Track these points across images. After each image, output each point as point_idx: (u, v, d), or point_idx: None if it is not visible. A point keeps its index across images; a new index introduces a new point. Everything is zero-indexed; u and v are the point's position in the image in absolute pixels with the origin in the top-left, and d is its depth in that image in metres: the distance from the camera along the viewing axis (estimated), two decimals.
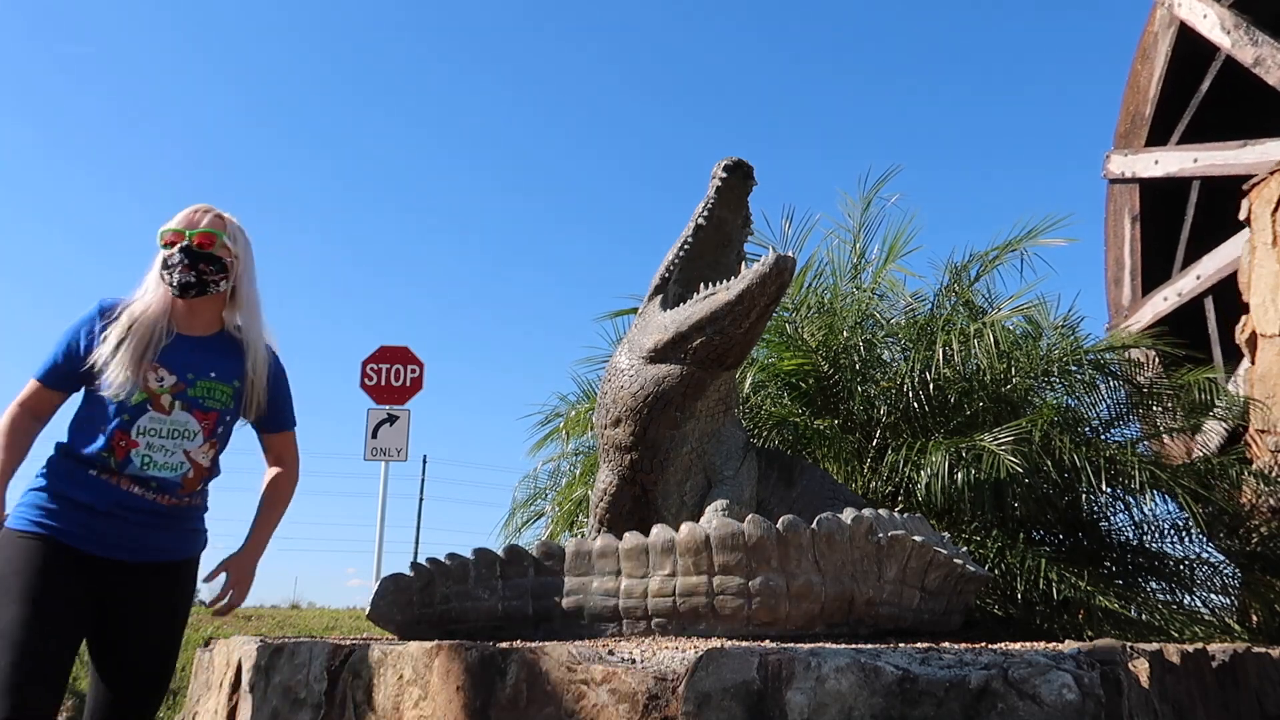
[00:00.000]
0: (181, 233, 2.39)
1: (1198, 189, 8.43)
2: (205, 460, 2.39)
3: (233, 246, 2.44)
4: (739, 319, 2.84)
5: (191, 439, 2.35)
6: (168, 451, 2.32)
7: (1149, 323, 8.40)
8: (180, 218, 2.42)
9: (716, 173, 2.96)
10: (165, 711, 6.26)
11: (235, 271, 2.45)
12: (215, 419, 2.39)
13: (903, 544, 2.67)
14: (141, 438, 2.29)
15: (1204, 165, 7.93)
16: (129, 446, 2.28)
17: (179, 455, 2.33)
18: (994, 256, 5.14)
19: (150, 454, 2.30)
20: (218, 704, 2.97)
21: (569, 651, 2.07)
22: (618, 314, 5.50)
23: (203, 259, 2.38)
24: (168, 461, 2.32)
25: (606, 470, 3.19)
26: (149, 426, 2.30)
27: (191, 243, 2.37)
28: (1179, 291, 8.20)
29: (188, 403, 2.35)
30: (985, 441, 4.07)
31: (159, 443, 2.31)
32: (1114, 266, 8.81)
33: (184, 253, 2.37)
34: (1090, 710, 1.67)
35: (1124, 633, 4.12)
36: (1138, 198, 8.66)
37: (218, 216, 2.45)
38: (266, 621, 9.54)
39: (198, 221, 2.41)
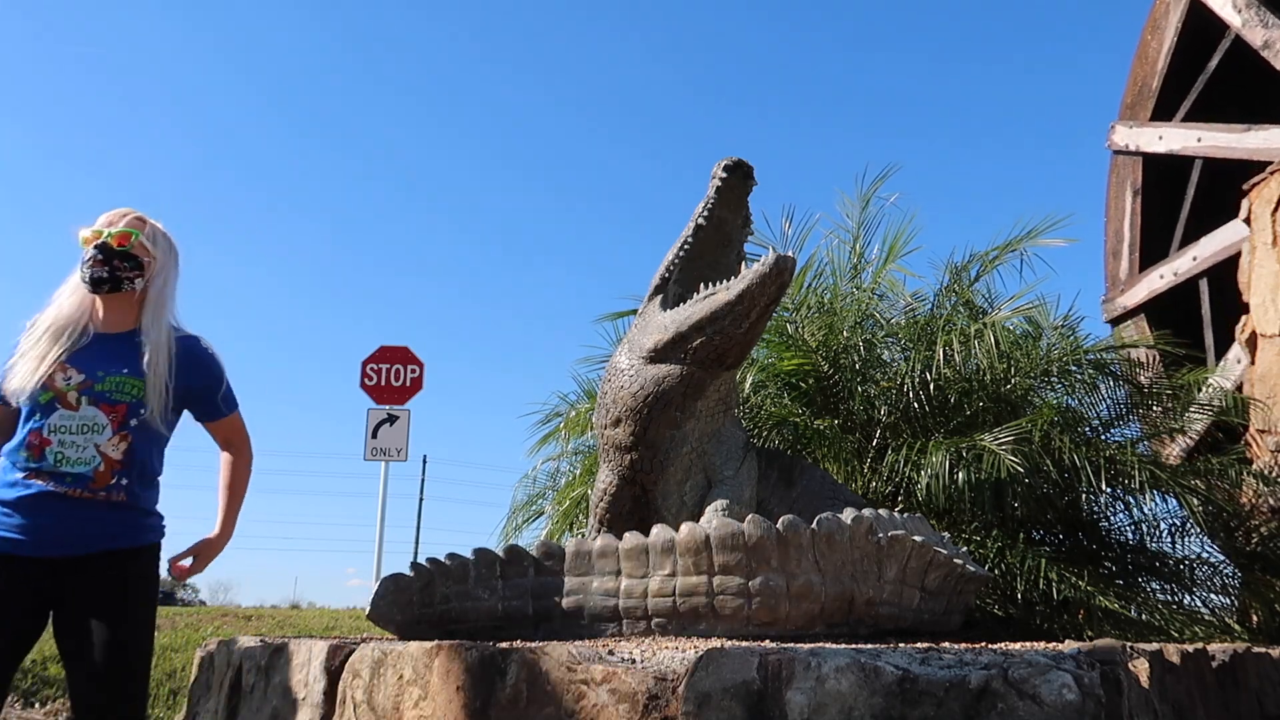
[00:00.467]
0: (100, 232, 2.48)
1: (1199, 169, 8.36)
2: (116, 453, 2.42)
3: (151, 247, 2.52)
4: (739, 319, 2.84)
5: (100, 432, 2.40)
6: (79, 447, 2.38)
7: (1144, 299, 8.41)
8: (100, 219, 2.52)
9: (716, 173, 2.96)
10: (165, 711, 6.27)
11: (151, 272, 2.52)
12: (125, 411, 2.43)
13: (903, 544, 2.67)
14: (53, 435, 2.37)
15: (1207, 146, 7.88)
16: (43, 444, 2.36)
17: (90, 450, 2.39)
18: (994, 257, 5.14)
19: (62, 450, 2.37)
20: (218, 704, 2.97)
21: (569, 651, 2.07)
22: (618, 314, 5.50)
23: (117, 255, 2.46)
24: (80, 457, 2.38)
25: (606, 470, 3.19)
26: (59, 424, 2.37)
27: (109, 241, 2.46)
28: (1175, 271, 8.18)
29: (94, 397, 2.41)
30: (985, 441, 4.07)
31: (70, 439, 2.38)
32: (1113, 239, 8.79)
33: (99, 249, 2.45)
34: (1090, 710, 1.67)
35: (1124, 633, 4.12)
36: (1140, 171, 8.61)
37: (137, 218, 2.54)
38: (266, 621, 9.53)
39: (116, 222, 2.50)
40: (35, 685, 6.66)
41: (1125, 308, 8.54)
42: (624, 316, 5.36)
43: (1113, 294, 8.69)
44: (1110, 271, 8.79)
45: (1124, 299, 8.56)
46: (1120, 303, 8.60)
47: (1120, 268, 8.68)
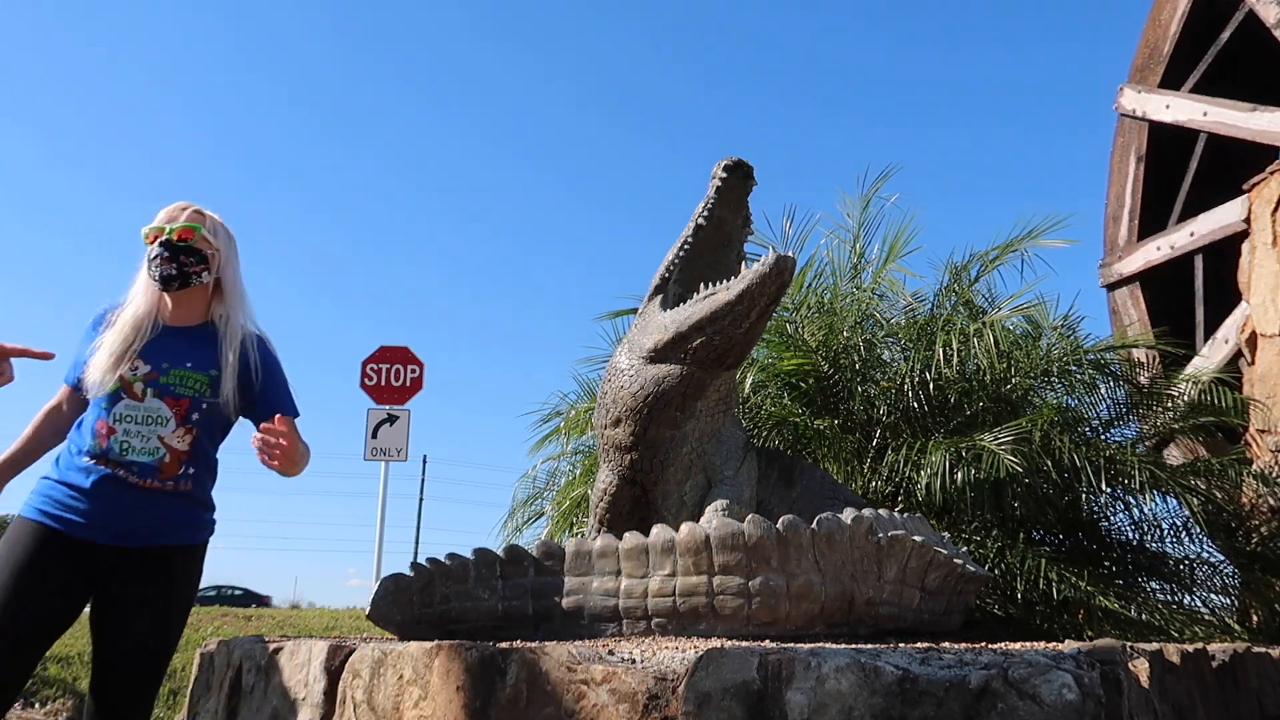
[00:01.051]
0: (161, 229, 2.51)
1: (1204, 143, 8.33)
2: (182, 445, 2.47)
3: (213, 240, 2.55)
4: (739, 319, 2.84)
5: (164, 424, 2.45)
6: (143, 437, 2.43)
7: (1139, 268, 8.41)
8: (161, 215, 2.55)
9: (716, 173, 2.96)
10: (165, 711, 6.26)
11: (217, 263, 2.56)
12: (188, 405, 2.48)
13: (903, 544, 2.67)
14: (119, 424, 2.41)
15: (1212, 121, 7.84)
16: (109, 433, 2.41)
17: (154, 440, 2.44)
18: (994, 257, 5.14)
19: (127, 439, 2.41)
20: (218, 704, 2.97)
21: (569, 651, 2.07)
22: (618, 314, 5.51)
23: (183, 251, 2.50)
24: (144, 446, 2.42)
25: (606, 470, 3.19)
26: (124, 413, 2.42)
27: (171, 237, 2.49)
28: (1172, 244, 8.18)
29: (159, 389, 2.45)
30: (985, 441, 4.07)
31: (135, 429, 2.42)
32: (1114, 203, 8.76)
33: (164, 246, 2.49)
34: (1090, 710, 1.67)
35: (1124, 633, 4.12)
36: (1145, 138, 8.57)
37: (196, 212, 2.56)
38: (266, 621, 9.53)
39: (176, 217, 2.53)
40: (35, 685, 6.66)
41: (1121, 275, 8.55)
42: (624, 316, 5.37)
43: (1110, 259, 8.68)
44: (1109, 236, 8.77)
45: (1121, 265, 8.56)
46: (1117, 269, 8.60)
47: (1119, 233, 8.66)
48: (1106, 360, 5.03)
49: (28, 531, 2.36)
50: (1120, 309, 8.63)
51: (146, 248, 2.52)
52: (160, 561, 2.44)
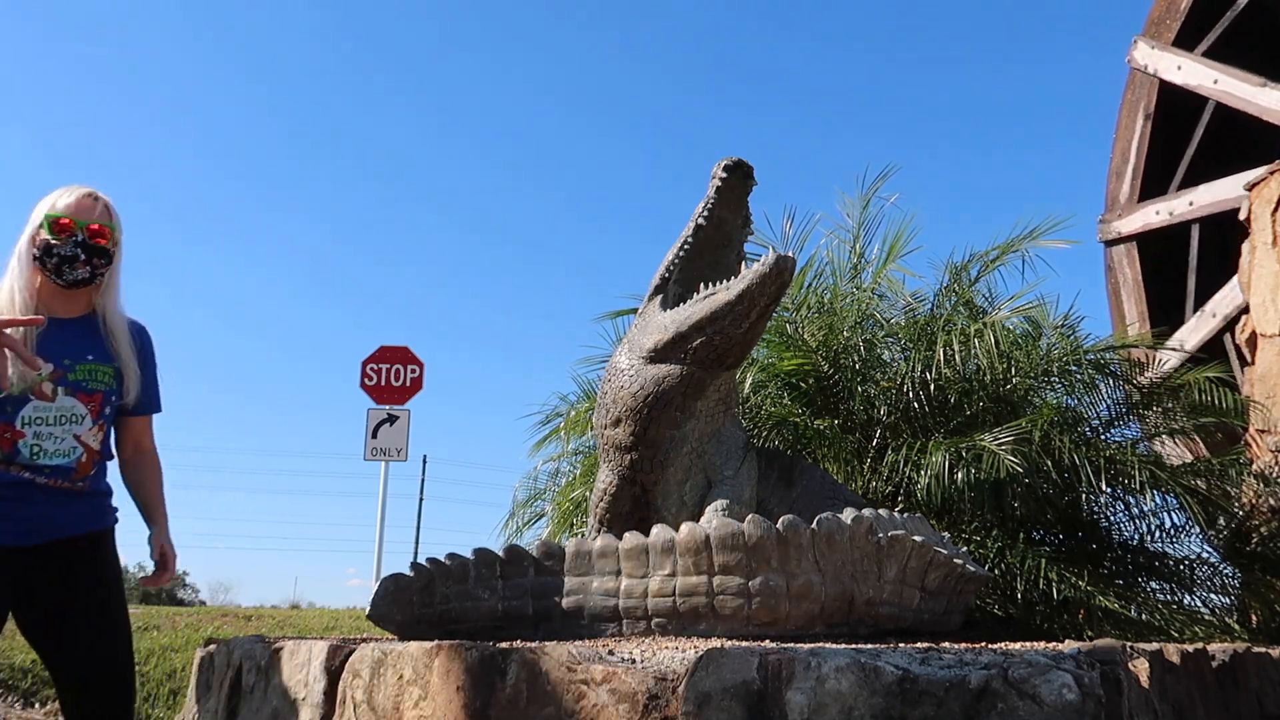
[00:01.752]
0: (73, 221, 2.31)
1: (1212, 110, 8.28)
2: (95, 443, 2.35)
3: (117, 234, 2.40)
4: (739, 319, 2.84)
5: (80, 422, 2.31)
6: (57, 439, 2.28)
7: (1137, 230, 8.42)
8: (69, 203, 2.34)
9: (716, 173, 2.96)
10: (165, 711, 6.27)
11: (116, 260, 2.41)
12: (101, 400, 2.35)
13: (903, 544, 2.67)
14: (27, 428, 2.25)
15: (1222, 90, 7.80)
16: (14, 438, 2.24)
17: (69, 440, 2.29)
18: (994, 257, 5.14)
19: (39, 443, 2.26)
20: (218, 704, 2.97)
21: (569, 651, 2.07)
22: (618, 314, 5.50)
23: (96, 253, 2.34)
24: (59, 448, 2.28)
25: (606, 470, 3.19)
26: (34, 415, 2.25)
27: (85, 235, 2.31)
28: (1171, 210, 8.18)
29: (70, 387, 2.30)
30: (985, 442, 4.07)
31: (47, 430, 2.27)
32: (1118, 158, 8.74)
33: (79, 247, 2.31)
34: (1090, 710, 1.67)
35: (1124, 633, 4.12)
36: (1155, 96, 8.52)
37: (106, 207, 2.38)
38: (266, 621, 9.54)
39: (90, 210, 2.34)
40: (35, 685, 6.66)
41: (1119, 233, 8.58)
42: (624, 316, 5.36)
43: (1110, 216, 8.68)
44: (1111, 191, 8.76)
45: (1120, 224, 8.57)
46: (1116, 226, 8.61)
47: (1121, 190, 8.65)
48: (1106, 360, 5.02)
49: None
50: (1116, 266, 8.66)
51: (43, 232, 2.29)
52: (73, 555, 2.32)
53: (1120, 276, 8.59)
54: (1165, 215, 8.23)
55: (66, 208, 2.33)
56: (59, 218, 2.31)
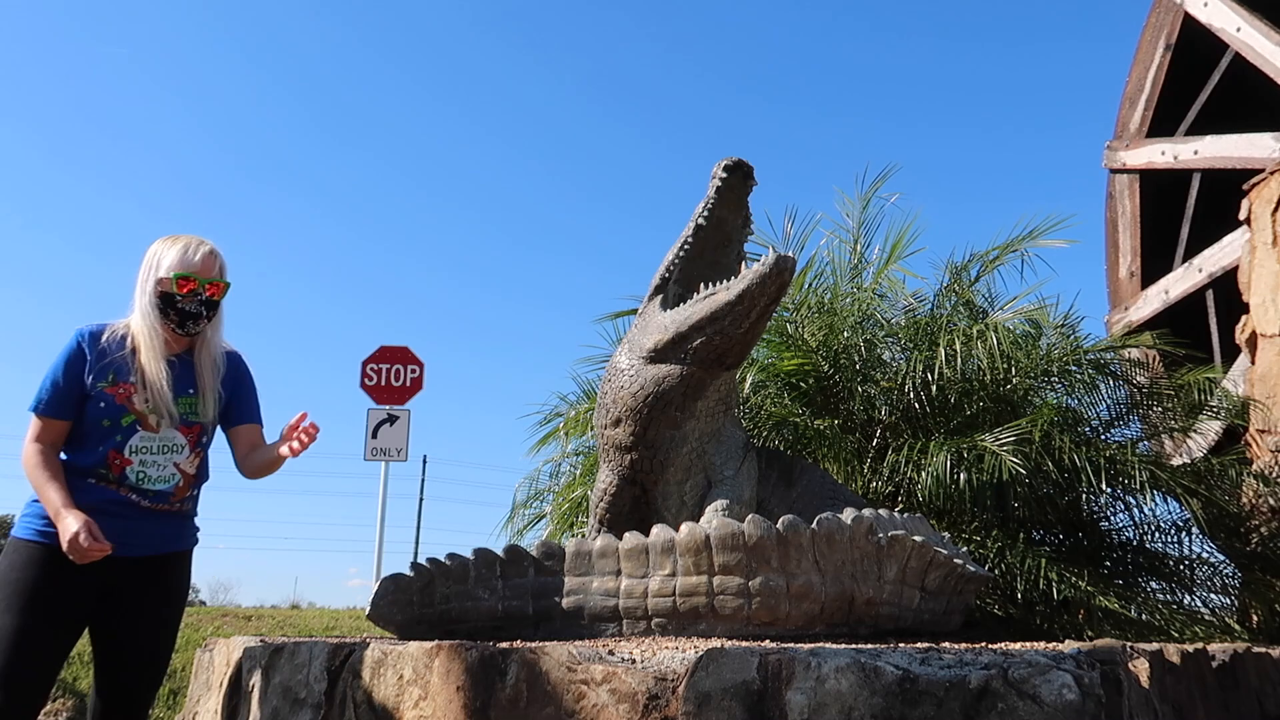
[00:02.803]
0: (197, 281, 2.52)
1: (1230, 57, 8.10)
2: (192, 469, 2.58)
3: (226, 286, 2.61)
4: (739, 319, 2.84)
5: (180, 452, 2.54)
6: (159, 466, 2.51)
7: (1141, 165, 8.41)
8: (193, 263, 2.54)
9: (716, 173, 2.96)
10: (165, 711, 6.26)
11: None
12: (199, 431, 2.59)
13: (903, 544, 2.67)
14: (135, 455, 2.48)
15: (1243, 40, 7.67)
16: (123, 464, 2.47)
17: (169, 468, 2.53)
18: (994, 257, 5.14)
19: (144, 470, 2.49)
20: (218, 704, 2.97)
21: (569, 651, 2.07)
22: (618, 314, 5.50)
23: (211, 307, 2.57)
24: (160, 475, 2.51)
25: (606, 470, 3.19)
26: (140, 445, 2.49)
27: (205, 294, 2.54)
28: (1176, 154, 8.15)
29: (174, 420, 2.52)
30: (987, 442, 4.07)
31: (151, 459, 2.50)
32: (1134, 84, 8.67)
33: (204, 305, 2.54)
34: (1090, 710, 1.67)
35: (1124, 633, 4.12)
36: (1178, 27, 8.37)
37: (222, 265, 2.60)
38: (266, 621, 9.53)
39: (210, 269, 2.56)
40: None
41: (1124, 164, 8.56)
42: (624, 316, 5.36)
43: (1117, 144, 8.62)
44: (1122, 116, 8.70)
45: (1126, 155, 8.54)
46: (1121, 156, 8.58)
47: (1133, 118, 8.59)
48: (1106, 360, 5.03)
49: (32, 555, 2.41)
50: (1117, 196, 8.66)
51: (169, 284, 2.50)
52: (156, 568, 2.53)
53: (1120, 207, 8.59)
54: (1170, 158, 8.18)
55: (191, 267, 2.53)
56: (186, 277, 2.52)
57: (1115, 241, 8.76)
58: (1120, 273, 8.74)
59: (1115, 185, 8.74)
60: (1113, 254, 8.77)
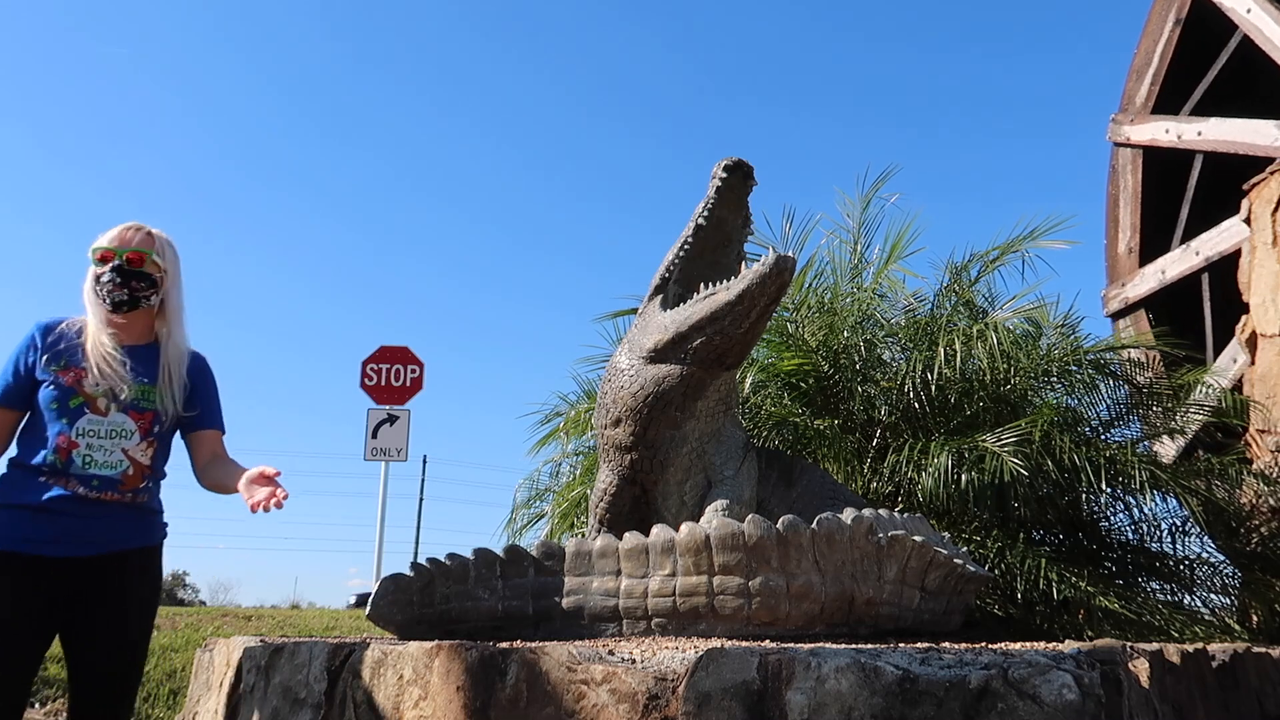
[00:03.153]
0: (113, 251, 2.53)
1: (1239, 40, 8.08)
2: (144, 458, 2.52)
3: (161, 262, 2.59)
4: (739, 319, 2.84)
5: (128, 438, 2.49)
6: (106, 451, 2.46)
7: (1145, 141, 8.44)
8: (112, 236, 2.57)
9: (716, 173, 2.96)
10: (165, 711, 6.27)
11: (165, 286, 2.60)
12: (151, 418, 2.53)
13: (903, 544, 2.67)
14: (81, 438, 2.44)
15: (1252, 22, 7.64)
16: (70, 447, 2.43)
17: (117, 454, 2.47)
18: (995, 257, 5.14)
19: (90, 454, 2.44)
20: (218, 704, 2.97)
21: (569, 651, 2.07)
22: (618, 314, 5.50)
23: (134, 276, 2.53)
24: (107, 460, 2.46)
25: (606, 470, 3.19)
26: (87, 428, 2.45)
27: (123, 261, 2.52)
28: (1180, 134, 8.16)
29: (122, 404, 2.49)
30: (988, 443, 4.07)
31: (98, 443, 2.46)
32: (1141, 57, 8.67)
33: (116, 271, 2.52)
34: (1090, 710, 1.67)
35: (1124, 633, 4.12)
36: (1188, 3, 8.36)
37: (148, 234, 2.59)
38: (266, 621, 9.54)
39: (129, 240, 2.55)
40: (35, 685, 6.66)
41: (1128, 139, 8.59)
42: (624, 316, 5.37)
43: (1123, 118, 8.63)
44: (1128, 89, 8.71)
45: (1130, 129, 8.54)
46: (1126, 131, 8.59)
47: (1139, 90, 8.59)
48: (1106, 360, 5.03)
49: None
50: (1120, 170, 8.68)
51: (93, 265, 2.53)
52: (117, 566, 2.48)
53: (1122, 181, 8.61)
54: (1173, 137, 8.19)
55: (109, 239, 2.56)
56: (100, 249, 2.54)
57: (1116, 216, 8.74)
58: (1119, 248, 8.73)
59: (1118, 159, 8.72)
60: (1113, 229, 8.77)
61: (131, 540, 2.51)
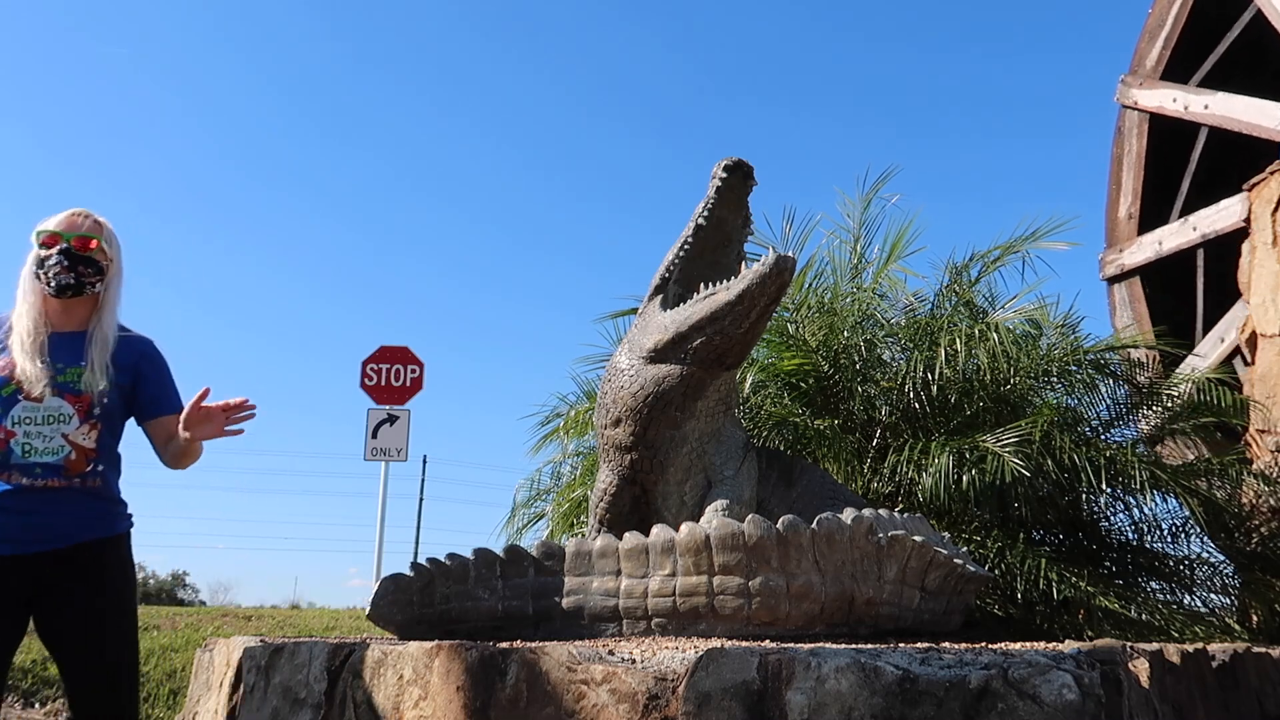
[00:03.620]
0: (59, 235, 2.47)
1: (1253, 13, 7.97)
2: (88, 442, 2.44)
3: (109, 250, 2.54)
4: (739, 319, 2.84)
5: (67, 422, 2.42)
6: (45, 437, 2.40)
7: (1152, 108, 8.38)
8: (59, 220, 2.51)
9: (716, 173, 2.96)
10: (165, 711, 6.27)
11: (109, 275, 2.54)
12: (89, 401, 2.46)
13: (903, 544, 2.67)
14: (18, 427, 2.38)
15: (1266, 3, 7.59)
16: (7, 437, 2.37)
17: (57, 439, 2.41)
18: (995, 258, 5.14)
19: (29, 441, 2.38)
20: (218, 704, 2.97)
21: (569, 651, 2.07)
22: (618, 314, 5.50)
23: (81, 261, 2.47)
24: (47, 447, 2.39)
25: (606, 470, 3.19)
26: (23, 415, 2.39)
27: (70, 245, 2.46)
28: (1187, 104, 8.12)
29: (58, 388, 2.42)
30: (988, 443, 4.06)
31: (36, 429, 2.39)
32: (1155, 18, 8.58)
33: (63, 254, 2.46)
34: (1090, 710, 1.67)
35: (1124, 633, 4.12)
36: None
37: (96, 222, 2.54)
38: (266, 621, 9.54)
39: (77, 225, 2.50)
40: (35, 685, 6.66)
41: (1135, 102, 8.55)
42: (624, 316, 5.37)
43: (1132, 80, 8.57)
44: (1140, 50, 8.65)
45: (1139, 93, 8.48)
46: (1134, 94, 8.55)
47: (1151, 52, 8.53)
48: (1106, 360, 5.03)
49: None
50: (1126, 133, 8.65)
51: (37, 248, 2.47)
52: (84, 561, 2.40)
53: (1127, 144, 8.59)
54: (1180, 107, 8.15)
55: (57, 223, 2.50)
56: (47, 232, 2.48)
57: (1119, 179, 8.70)
58: (1120, 212, 8.70)
59: (1125, 121, 8.67)
60: (1114, 191, 8.72)
61: (91, 530, 2.43)
